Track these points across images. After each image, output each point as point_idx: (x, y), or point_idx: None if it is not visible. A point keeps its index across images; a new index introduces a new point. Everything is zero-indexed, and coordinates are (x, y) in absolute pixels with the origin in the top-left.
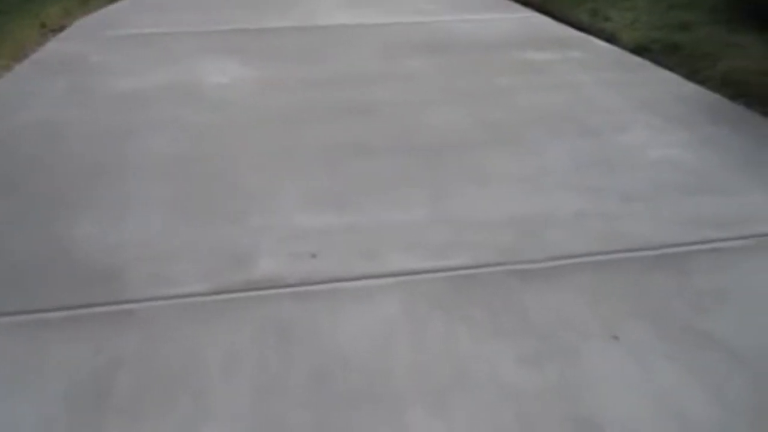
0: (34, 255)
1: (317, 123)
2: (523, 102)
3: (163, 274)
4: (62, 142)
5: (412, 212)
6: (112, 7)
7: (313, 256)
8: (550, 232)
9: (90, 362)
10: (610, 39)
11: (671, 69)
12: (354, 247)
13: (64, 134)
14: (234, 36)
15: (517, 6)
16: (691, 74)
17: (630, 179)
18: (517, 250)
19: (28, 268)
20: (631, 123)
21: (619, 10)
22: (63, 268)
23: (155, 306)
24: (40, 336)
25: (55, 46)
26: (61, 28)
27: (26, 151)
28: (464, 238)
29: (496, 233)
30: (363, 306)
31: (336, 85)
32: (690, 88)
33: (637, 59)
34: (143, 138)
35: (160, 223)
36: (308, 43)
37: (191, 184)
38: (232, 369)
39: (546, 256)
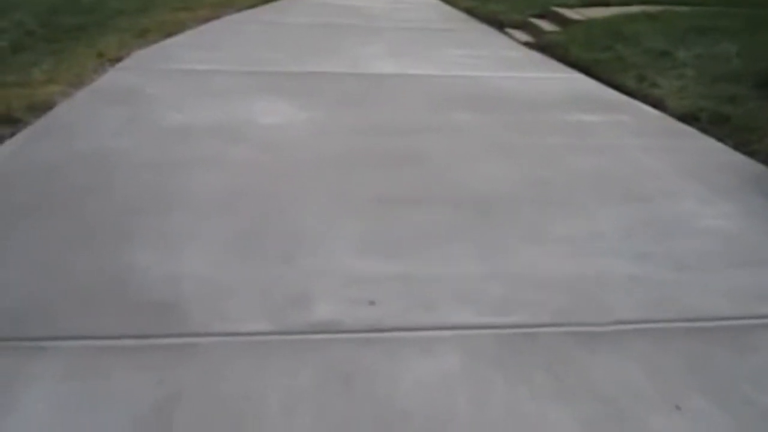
0: (94, 281)
1: (367, 170)
2: (572, 162)
3: (222, 310)
4: (118, 172)
5: (466, 266)
6: (168, 42)
7: (371, 303)
8: (605, 296)
9: (152, 393)
10: (658, 105)
11: (720, 139)
12: (411, 297)
13: (119, 164)
14: (281, 78)
15: (562, 66)
16: (740, 146)
17: (680, 247)
18: (574, 311)
19: (90, 294)
20: (680, 191)
21: (666, 78)
22: (122, 296)
23: (216, 342)
24: (104, 363)
25: (112, 77)
26: (118, 59)
27: (83, 178)
28: (520, 295)
29: (551, 293)
30: (423, 358)
31: (384, 133)
32: (738, 159)
33: (685, 127)
34: (196, 173)
35: (215, 258)
36: (354, 90)
37: (244, 223)
38: (292, 411)
39: (604, 320)
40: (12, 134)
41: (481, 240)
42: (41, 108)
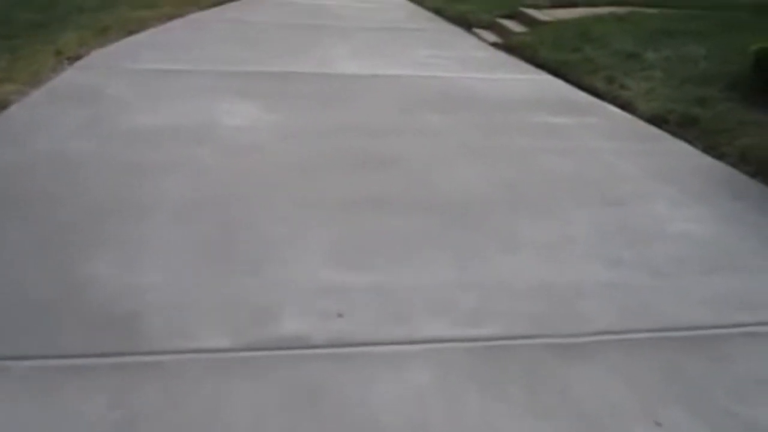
0: (49, 295)
1: (336, 174)
2: (543, 165)
3: (182, 325)
4: (76, 177)
5: (438, 275)
6: (129, 40)
7: (340, 315)
8: (580, 304)
9: (110, 416)
10: (626, 107)
11: (689, 142)
12: (381, 309)
13: (78, 168)
14: (248, 78)
15: (530, 67)
16: (709, 148)
17: (654, 253)
18: (549, 321)
19: (44, 309)
20: (652, 194)
21: (635, 80)
22: (79, 310)
23: (176, 360)
24: (56, 384)
25: (71, 75)
26: (77, 57)
27: (40, 183)
28: (494, 305)
29: (526, 302)
30: (394, 374)
31: (353, 135)
32: (708, 162)
33: (654, 130)
34: (158, 178)
35: (177, 268)
36: (322, 90)
37: (208, 230)
38: None
39: (580, 331)
40: None
41: (454, 246)
42: None
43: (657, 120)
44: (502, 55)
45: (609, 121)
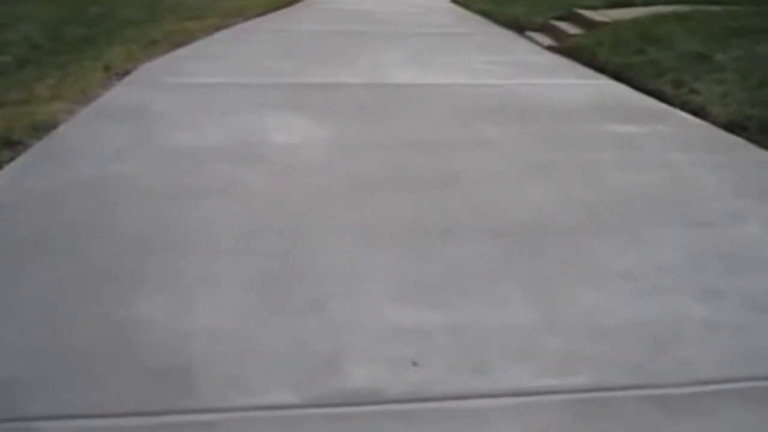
0: (87, 343)
1: (396, 194)
2: (616, 181)
3: (239, 377)
4: (121, 203)
5: (517, 313)
6: (176, 54)
7: (414, 364)
8: (680, 347)
9: None
10: (699, 113)
11: None
12: (459, 355)
13: (123, 193)
14: (296, 90)
15: (590, 72)
16: None
17: (755, 284)
18: (648, 368)
19: (81, 360)
20: (741, 213)
21: (705, 83)
22: (121, 361)
23: (233, 418)
24: None
25: (118, 92)
26: (125, 73)
27: (83, 210)
28: (583, 349)
29: (618, 345)
30: None
31: (410, 150)
32: None
33: (732, 137)
34: (207, 203)
35: (230, 308)
36: (375, 102)
37: (262, 263)
38: None
39: (685, 380)
40: (11, 159)
41: (530, 279)
42: (44, 128)
43: (734, 127)
44: (558, 59)
45: (682, 129)
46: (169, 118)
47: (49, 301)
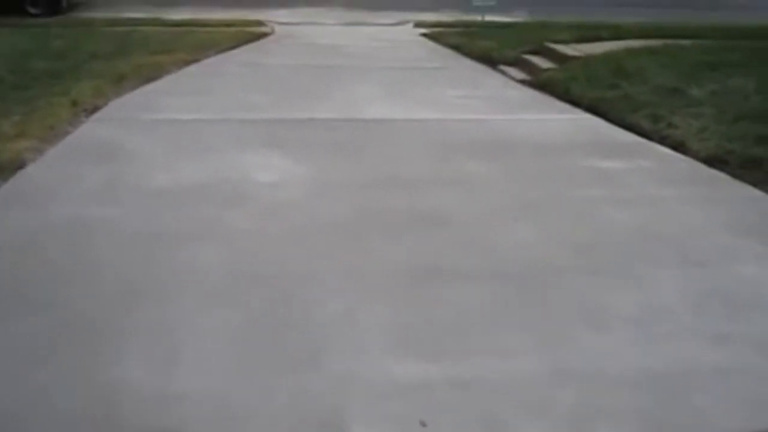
0: (66, 408)
1: (383, 235)
2: (605, 218)
3: None
4: (97, 251)
5: (522, 362)
6: (146, 88)
7: (423, 424)
8: (695, 397)
9: None
10: (679, 148)
11: (755, 185)
12: (468, 412)
13: (98, 238)
14: (272, 126)
15: (565, 105)
16: None
17: (759, 325)
18: (665, 421)
19: (71, 425)
20: (734, 250)
21: (683, 117)
22: (111, 427)
23: None
24: None
25: (88, 129)
26: (95, 109)
27: (57, 256)
28: (595, 401)
29: (631, 395)
30: None
31: (394, 188)
32: None
33: (714, 172)
34: (187, 247)
35: (219, 365)
36: (354, 137)
37: (251, 312)
38: None
39: None
40: None
41: (532, 325)
42: (10, 168)
43: (715, 161)
44: (533, 93)
45: (664, 164)
46: (143, 157)
47: (21, 360)
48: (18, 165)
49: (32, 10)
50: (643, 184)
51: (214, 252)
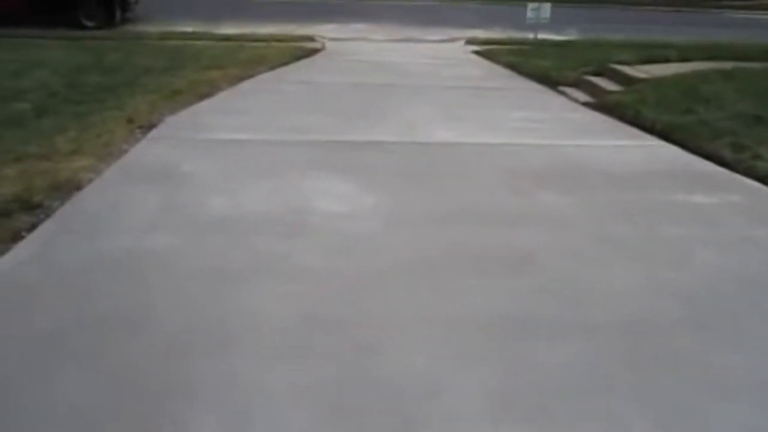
0: None
1: (464, 278)
2: (704, 262)
3: None
4: (156, 287)
5: None
6: (201, 105)
7: None
8: None
9: None
10: (767, 181)
11: None
12: None
13: (157, 274)
14: (331, 148)
15: (636, 131)
16: None
17: None
18: None
19: None
20: None
21: None
22: None
23: None
24: None
25: (144, 148)
26: (150, 126)
27: (114, 296)
28: None
29: None
30: None
31: (468, 222)
32: None
33: None
34: (252, 287)
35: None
36: (417, 163)
37: (324, 366)
38: None
39: None
40: (32, 226)
41: (647, 392)
42: (66, 188)
43: None
44: (600, 117)
45: (755, 200)
46: (201, 181)
47: (78, 419)
48: (74, 185)
49: (87, 23)
50: (738, 222)
51: (282, 293)
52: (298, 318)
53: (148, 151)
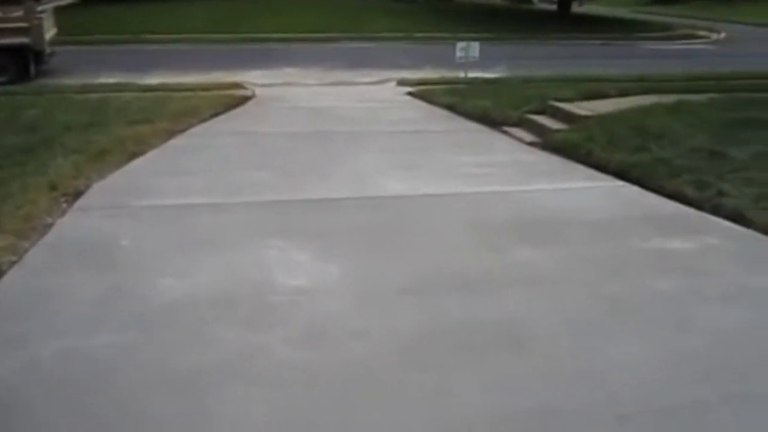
0: None
1: (456, 364)
2: (710, 321)
3: None
4: (99, 400)
5: None
6: (132, 166)
7: None
8: None
9: None
10: (738, 220)
11: None
12: None
13: (101, 383)
14: (282, 210)
15: (590, 171)
16: None
17: None
18: None
19: None
20: None
21: (732, 184)
22: None
23: None
24: None
25: (73, 222)
26: (77, 194)
27: (55, 414)
28: None
29: None
30: None
31: (448, 291)
32: None
33: None
34: (219, 392)
35: None
36: (376, 221)
37: None
38: None
39: None
40: None
41: None
42: None
43: None
44: (550, 157)
45: (734, 242)
46: (143, 258)
47: None
48: None
49: None
50: (727, 269)
51: (255, 398)
52: (281, 428)
53: (77, 223)
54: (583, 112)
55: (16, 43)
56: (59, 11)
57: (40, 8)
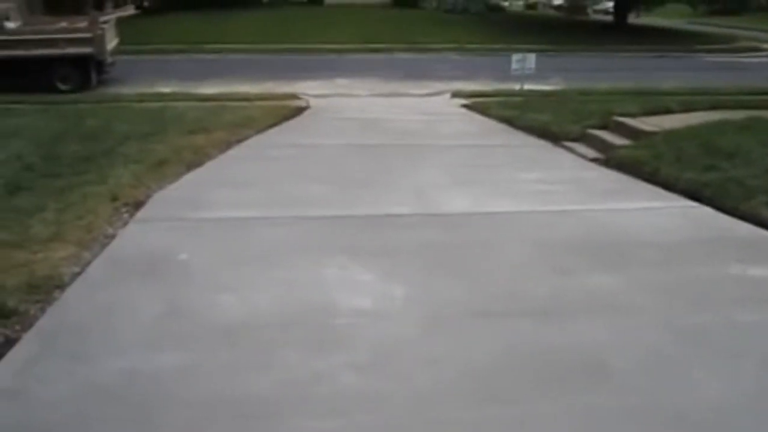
0: None
1: (533, 397)
2: None
3: None
4: (166, 425)
5: None
6: (190, 177)
7: None
8: None
9: None
10: None
11: None
12: None
13: (163, 408)
14: (342, 225)
15: (657, 190)
16: None
17: None
18: None
19: None
20: None
21: None
22: None
23: None
24: None
25: (133, 233)
26: (137, 204)
27: None
28: None
29: None
30: None
31: (515, 315)
32: None
33: None
34: (283, 423)
35: None
36: (438, 239)
37: None
38: None
39: None
40: (6, 342)
41: None
42: (45, 288)
43: None
44: (615, 175)
45: None
46: (203, 275)
47: None
48: (55, 284)
49: (62, 86)
50: None
51: (319, 429)
52: None
53: (139, 236)
54: (648, 128)
55: (79, 53)
56: (120, 21)
57: (103, 19)
